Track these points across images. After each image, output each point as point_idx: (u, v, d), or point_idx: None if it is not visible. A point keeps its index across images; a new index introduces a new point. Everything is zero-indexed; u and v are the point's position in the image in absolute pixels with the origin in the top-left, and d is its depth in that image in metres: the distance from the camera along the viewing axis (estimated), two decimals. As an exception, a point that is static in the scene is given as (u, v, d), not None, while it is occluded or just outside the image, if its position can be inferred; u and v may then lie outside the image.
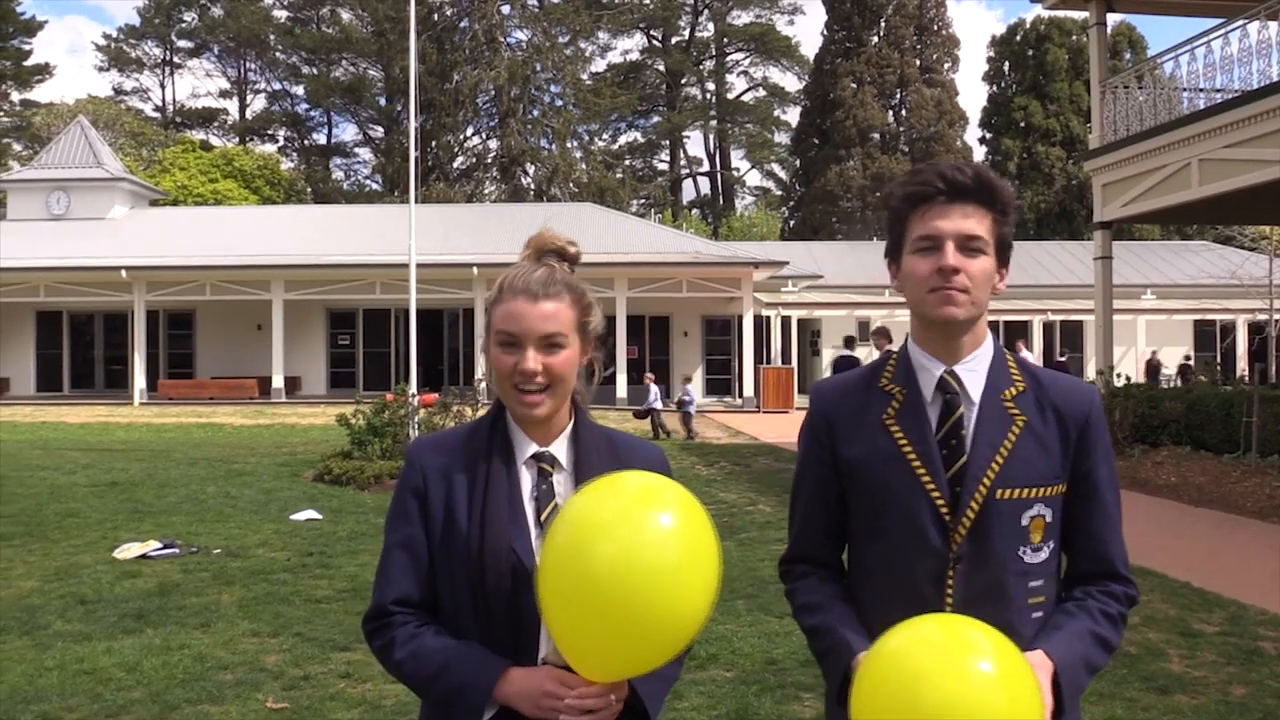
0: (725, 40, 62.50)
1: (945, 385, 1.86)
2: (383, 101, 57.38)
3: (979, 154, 53.46)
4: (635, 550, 1.57)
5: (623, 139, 62.55)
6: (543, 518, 1.80)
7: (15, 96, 55.73)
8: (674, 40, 62.62)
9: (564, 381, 1.82)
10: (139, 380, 28.66)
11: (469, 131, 55.25)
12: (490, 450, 1.83)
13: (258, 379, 29.50)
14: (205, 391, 29.44)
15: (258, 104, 62.10)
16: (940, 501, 1.82)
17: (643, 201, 59.30)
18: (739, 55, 63.31)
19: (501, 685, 1.71)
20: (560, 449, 1.86)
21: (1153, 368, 28.56)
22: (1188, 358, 30.06)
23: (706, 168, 64.66)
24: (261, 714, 4.82)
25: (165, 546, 8.67)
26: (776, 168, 63.52)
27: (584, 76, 56.54)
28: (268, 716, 4.79)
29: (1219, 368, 28.70)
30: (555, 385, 1.81)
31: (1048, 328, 31.76)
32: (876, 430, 1.88)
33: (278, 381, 28.69)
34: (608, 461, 1.84)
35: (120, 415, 24.88)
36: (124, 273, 27.86)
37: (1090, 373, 22.60)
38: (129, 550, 8.55)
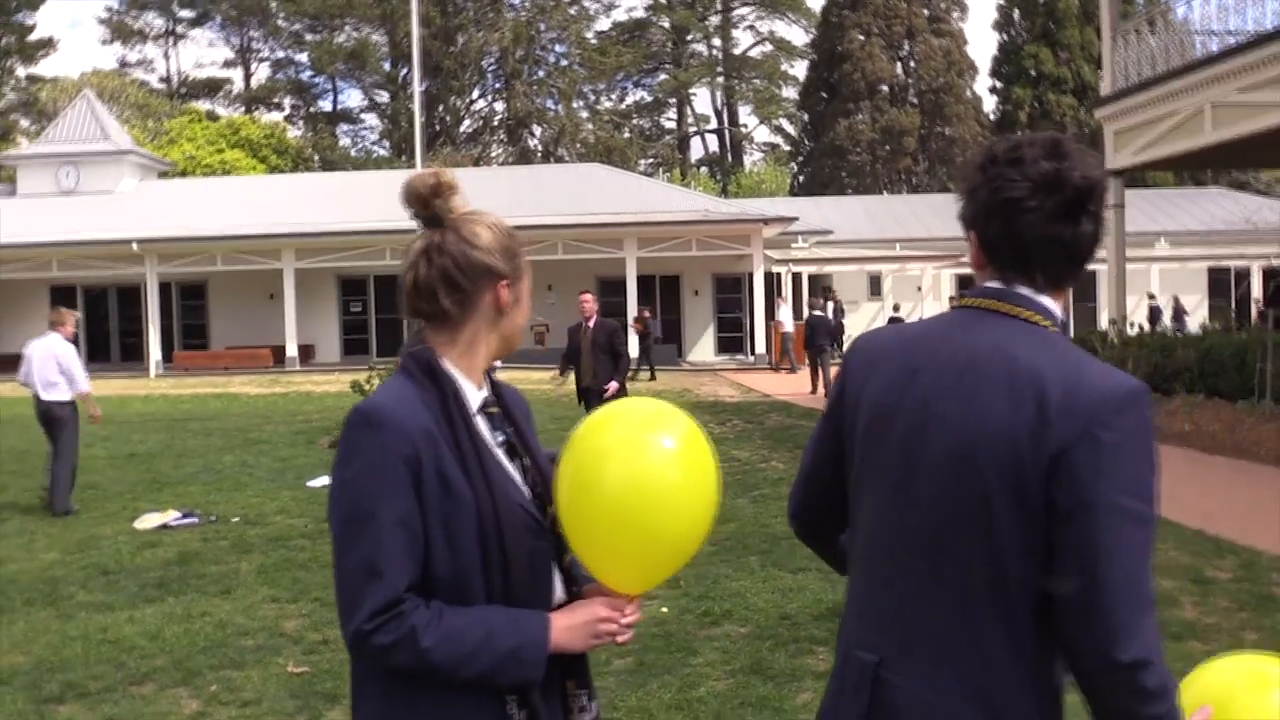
0: (731, -6, 61.75)
1: None
2: (387, 66, 57.02)
3: (989, 104, 52.84)
4: (642, 470, 1.71)
5: (629, 98, 62.09)
6: (525, 465, 1.81)
7: (20, 72, 55.61)
8: (679, -4, 61.88)
9: None
10: (154, 352, 28.81)
11: (475, 95, 54.94)
12: (460, 406, 1.74)
13: (272, 348, 29.62)
14: (220, 362, 29.58)
15: (262, 72, 61.87)
16: None
17: (650, 160, 58.92)
18: (745, 10, 62.52)
19: (551, 633, 1.71)
20: (485, 393, 1.83)
21: (1154, 312, 28.31)
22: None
23: (714, 125, 64.11)
24: (282, 678, 4.90)
25: (184, 516, 8.77)
26: (785, 123, 62.84)
27: (589, 35, 56.03)
28: (289, 680, 4.87)
29: (1234, 313, 28.45)
30: None
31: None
32: None
33: (291, 350, 28.82)
34: (510, 400, 1.87)
35: (137, 387, 25.03)
36: (135, 245, 27.93)
37: (1103, 321, 22.47)
38: (149, 520, 8.65)
